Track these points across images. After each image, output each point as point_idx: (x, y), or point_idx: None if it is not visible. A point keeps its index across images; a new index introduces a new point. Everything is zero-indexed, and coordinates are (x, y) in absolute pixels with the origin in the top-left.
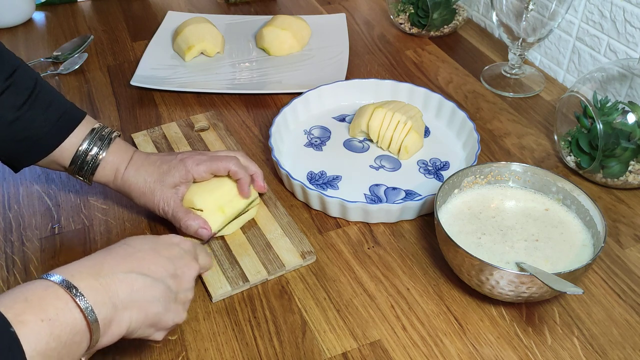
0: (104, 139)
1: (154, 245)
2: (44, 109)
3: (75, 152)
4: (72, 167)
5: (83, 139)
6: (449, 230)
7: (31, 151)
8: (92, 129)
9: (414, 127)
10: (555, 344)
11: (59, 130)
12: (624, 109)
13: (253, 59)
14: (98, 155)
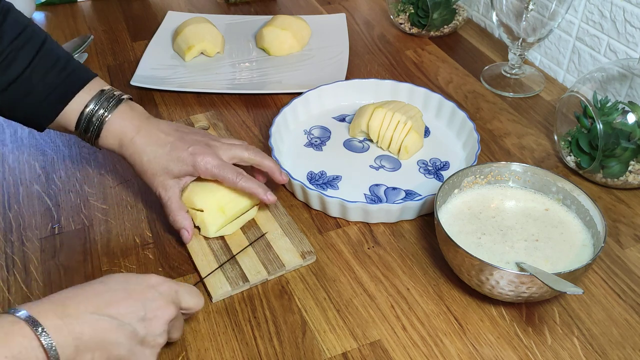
0: (111, 100)
1: (128, 285)
2: (45, 71)
3: (80, 112)
4: (78, 130)
5: (90, 99)
6: (449, 230)
7: (38, 114)
8: (101, 89)
9: (414, 127)
10: (555, 344)
11: (61, 93)
12: (624, 109)
13: (253, 59)
14: (103, 116)
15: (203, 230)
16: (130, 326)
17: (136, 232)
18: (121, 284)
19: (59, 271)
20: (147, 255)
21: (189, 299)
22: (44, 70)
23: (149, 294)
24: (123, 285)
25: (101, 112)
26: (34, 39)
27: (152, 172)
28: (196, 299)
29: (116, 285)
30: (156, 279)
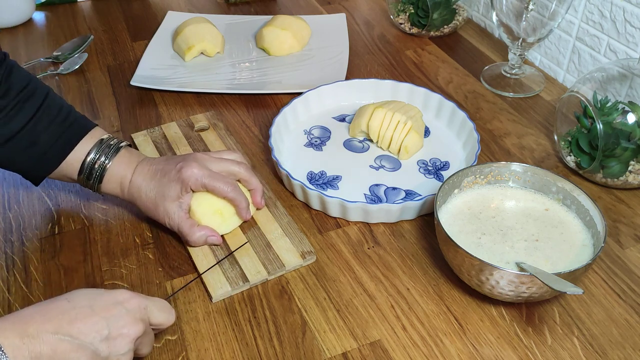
0: (111, 148)
1: (94, 302)
2: (49, 122)
3: (82, 161)
4: (81, 177)
5: (90, 148)
6: (449, 230)
7: (40, 164)
8: (100, 139)
9: (414, 127)
10: (555, 344)
11: (64, 143)
12: (624, 109)
13: (253, 59)
14: (104, 164)
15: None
16: (92, 346)
17: (136, 232)
18: (87, 300)
19: (59, 271)
20: (147, 255)
21: (159, 314)
22: (48, 120)
23: (115, 310)
24: (89, 302)
25: (102, 160)
26: (38, 92)
27: (153, 204)
28: (166, 315)
29: (81, 302)
30: (124, 294)
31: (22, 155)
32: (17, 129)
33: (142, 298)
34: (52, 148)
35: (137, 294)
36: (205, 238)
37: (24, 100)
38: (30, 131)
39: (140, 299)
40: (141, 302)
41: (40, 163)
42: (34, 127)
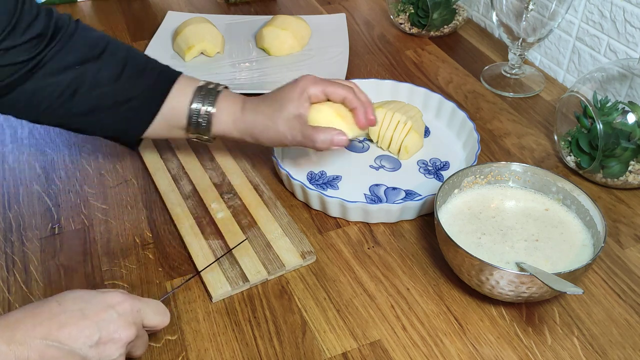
0: (208, 94)
1: (86, 305)
2: (137, 76)
3: (187, 112)
4: (190, 127)
5: (191, 99)
6: (449, 230)
7: (134, 120)
8: (197, 86)
9: (414, 127)
10: (555, 344)
11: (156, 93)
12: (624, 109)
13: (253, 59)
14: (208, 110)
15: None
16: (82, 352)
17: (136, 232)
18: (78, 303)
19: (59, 271)
20: (147, 255)
21: (153, 317)
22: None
23: (106, 314)
24: (79, 304)
25: (205, 108)
26: (118, 47)
27: (273, 122)
28: (160, 317)
29: (72, 305)
30: (116, 297)
31: (117, 115)
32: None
33: (135, 300)
34: (146, 101)
35: (130, 296)
36: (332, 138)
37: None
38: (121, 88)
39: (133, 302)
40: (134, 304)
41: (135, 119)
42: (125, 83)
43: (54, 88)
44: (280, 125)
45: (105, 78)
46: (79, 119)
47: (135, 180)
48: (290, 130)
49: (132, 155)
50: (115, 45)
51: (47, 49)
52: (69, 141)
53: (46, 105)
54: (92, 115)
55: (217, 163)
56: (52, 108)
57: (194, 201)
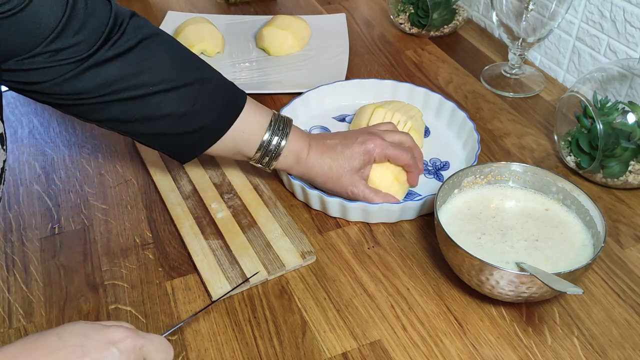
0: (283, 127)
1: (86, 341)
2: (213, 98)
3: (260, 142)
4: (257, 156)
5: (265, 129)
6: (449, 230)
7: (199, 142)
8: (270, 119)
9: (414, 127)
10: (555, 344)
11: (225, 118)
12: (624, 109)
13: (253, 59)
14: (280, 144)
15: None
16: None
17: (136, 232)
18: (78, 338)
19: (59, 271)
20: (147, 255)
21: (156, 354)
22: (210, 100)
23: (107, 352)
24: (80, 340)
25: (276, 140)
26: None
27: (336, 175)
28: (164, 354)
29: (73, 340)
30: (119, 333)
31: (181, 140)
32: (178, 108)
33: (138, 337)
34: (213, 128)
35: (133, 332)
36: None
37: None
38: (190, 119)
39: (136, 339)
40: (137, 341)
41: (198, 145)
42: (194, 115)
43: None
44: (343, 180)
45: (176, 109)
46: (139, 136)
47: (135, 180)
48: (351, 187)
49: (132, 155)
50: (188, 64)
51: (102, 48)
52: (69, 141)
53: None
54: (155, 139)
55: (217, 163)
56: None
57: (194, 201)
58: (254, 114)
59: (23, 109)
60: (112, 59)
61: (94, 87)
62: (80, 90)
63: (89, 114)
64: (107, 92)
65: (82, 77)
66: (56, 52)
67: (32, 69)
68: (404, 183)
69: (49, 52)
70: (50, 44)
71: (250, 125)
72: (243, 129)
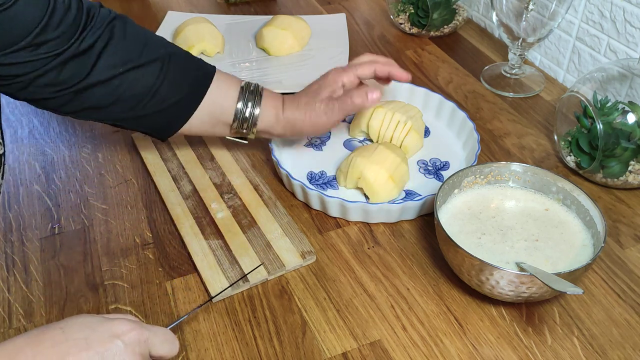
0: (254, 92)
1: (91, 334)
2: (181, 73)
3: (234, 110)
4: (235, 125)
5: (237, 99)
6: (449, 230)
7: (175, 118)
8: (240, 87)
9: (414, 127)
10: (555, 344)
11: (195, 91)
12: (624, 109)
13: (253, 59)
14: (255, 109)
15: (374, 198)
16: None
17: (136, 232)
18: (82, 331)
19: (59, 271)
20: (147, 255)
21: (161, 346)
22: (178, 70)
23: (111, 344)
24: (84, 332)
25: (250, 108)
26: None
27: (311, 110)
28: (169, 346)
29: (77, 333)
30: (123, 326)
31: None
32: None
33: (142, 329)
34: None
35: (137, 325)
36: (365, 96)
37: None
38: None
39: (141, 331)
40: (141, 334)
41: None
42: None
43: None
44: (319, 115)
45: (148, 86)
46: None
47: (135, 180)
48: (329, 112)
49: (132, 155)
50: (154, 43)
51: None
52: (69, 141)
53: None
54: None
55: (217, 163)
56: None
57: (194, 201)
58: (224, 85)
59: (23, 109)
60: (88, 49)
61: (71, 77)
62: (59, 81)
63: (65, 105)
64: (80, 80)
65: (60, 68)
66: (38, 46)
67: (14, 63)
68: (399, 182)
69: (31, 46)
70: (33, 38)
71: (222, 96)
72: (215, 100)
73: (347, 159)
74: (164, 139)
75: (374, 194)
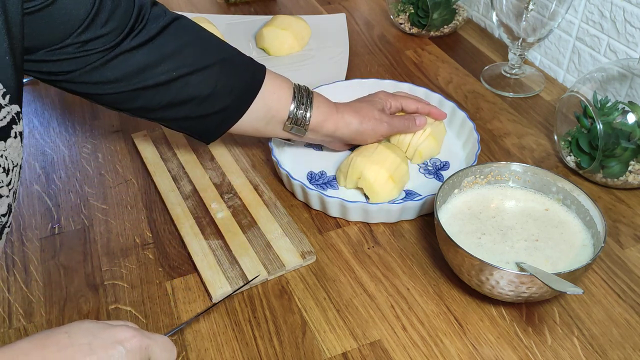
0: (305, 98)
1: (94, 339)
2: (234, 78)
3: (287, 113)
4: (287, 124)
5: (290, 101)
6: (449, 230)
7: (223, 122)
8: (292, 90)
9: (432, 133)
10: (555, 344)
11: (245, 96)
12: (624, 109)
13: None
14: (306, 114)
15: (374, 198)
16: None
17: (136, 232)
18: (86, 337)
19: (59, 271)
20: (147, 255)
21: (160, 354)
22: (233, 78)
23: (114, 350)
24: (88, 338)
25: (302, 111)
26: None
27: (365, 116)
28: (168, 354)
29: (81, 338)
30: (126, 333)
31: (207, 121)
32: (204, 89)
33: (144, 337)
34: (236, 105)
35: (139, 332)
36: (416, 121)
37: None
38: (215, 100)
39: (142, 338)
40: (142, 341)
41: (223, 123)
42: (219, 96)
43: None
44: (376, 118)
45: (202, 91)
46: (166, 121)
47: (135, 180)
48: (386, 122)
49: (132, 155)
50: (210, 45)
51: (127, 38)
52: (69, 141)
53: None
54: (181, 122)
55: (217, 163)
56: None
57: (194, 201)
58: (275, 88)
59: (23, 109)
60: (138, 47)
61: (122, 76)
62: (109, 79)
63: (119, 103)
64: (134, 79)
65: (109, 65)
66: (85, 43)
67: (61, 59)
68: (399, 182)
69: (78, 42)
70: (80, 35)
71: (273, 99)
72: (266, 104)
73: (347, 159)
74: (209, 142)
75: (374, 194)
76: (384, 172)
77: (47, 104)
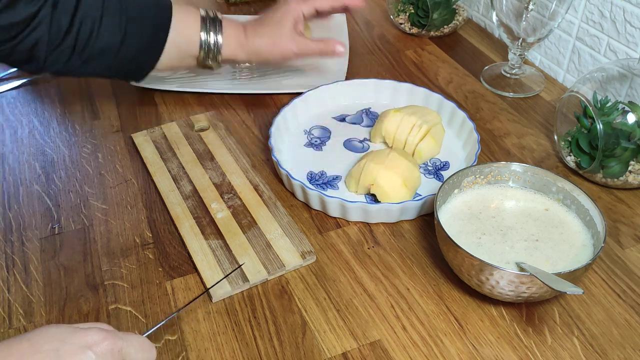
0: (214, 21)
1: (61, 345)
2: (140, 20)
3: (199, 42)
4: (201, 54)
5: (200, 29)
6: (449, 230)
7: (144, 63)
8: (199, 19)
9: (431, 132)
10: (555, 344)
11: (159, 32)
12: (624, 109)
13: None
14: (217, 37)
15: (385, 200)
16: None
17: (136, 232)
18: (52, 343)
19: (59, 271)
20: (147, 255)
21: (136, 355)
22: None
23: (83, 355)
24: (54, 344)
25: (213, 37)
26: None
27: (278, 40)
28: (145, 354)
29: (46, 344)
30: (96, 336)
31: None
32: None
33: (116, 339)
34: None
35: (110, 334)
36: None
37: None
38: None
39: (114, 340)
40: (115, 344)
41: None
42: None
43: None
44: (285, 42)
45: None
46: (89, 76)
47: (135, 180)
48: (295, 45)
49: (132, 155)
50: None
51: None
52: (69, 141)
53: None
54: (105, 72)
55: (217, 163)
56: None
57: (194, 201)
58: (185, 18)
59: (23, 109)
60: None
61: (49, 33)
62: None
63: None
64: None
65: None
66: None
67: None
68: (412, 188)
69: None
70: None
71: (185, 30)
72: (180, 35)
73: (358, 165)
74: (138, 81)
75: (388, 200)
76: (397, 178)
77: (47, 104)
